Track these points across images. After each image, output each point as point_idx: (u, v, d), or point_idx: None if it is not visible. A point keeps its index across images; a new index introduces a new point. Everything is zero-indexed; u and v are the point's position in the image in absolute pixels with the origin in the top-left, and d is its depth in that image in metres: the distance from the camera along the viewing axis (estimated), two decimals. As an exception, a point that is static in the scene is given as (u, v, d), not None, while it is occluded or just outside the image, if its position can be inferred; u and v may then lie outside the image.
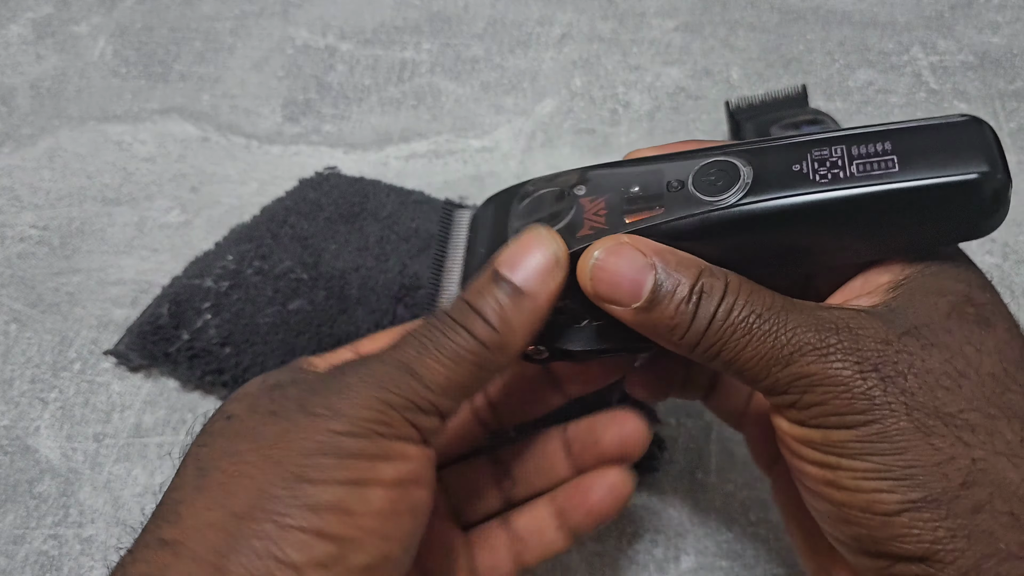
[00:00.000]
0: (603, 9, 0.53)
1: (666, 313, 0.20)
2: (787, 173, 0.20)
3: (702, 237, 0.21)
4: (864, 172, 0.20)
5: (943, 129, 0.20)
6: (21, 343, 0.38)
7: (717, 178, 0.21)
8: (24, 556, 0.32)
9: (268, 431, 0.20)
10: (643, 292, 0.20)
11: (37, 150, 0.46)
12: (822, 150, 0.20)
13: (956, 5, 0.52)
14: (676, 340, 0.20)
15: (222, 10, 0.54)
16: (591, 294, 0.21)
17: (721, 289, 0.20)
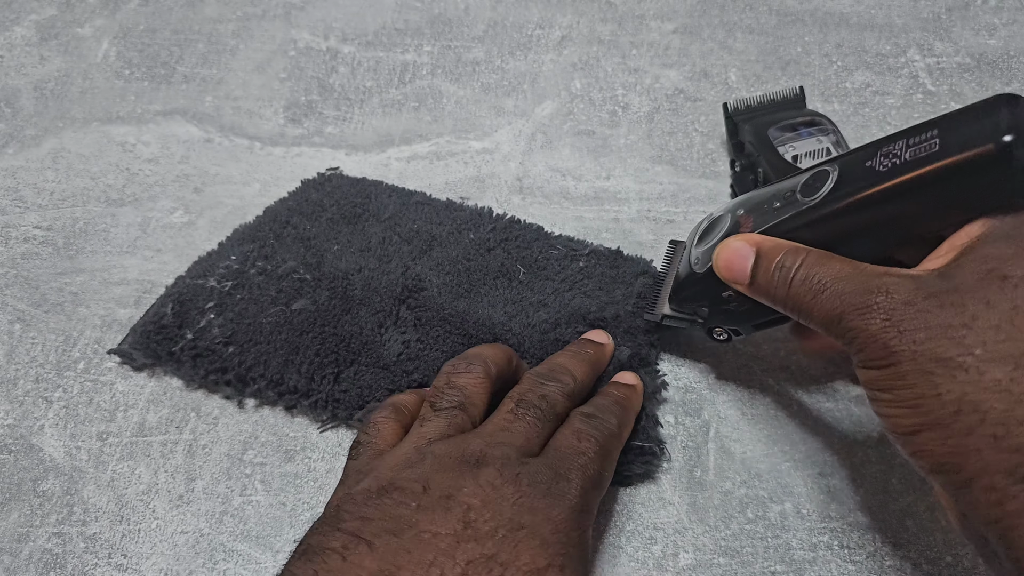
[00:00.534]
0: (602, 12, 0.53)
1: (763, 283, 0.27)
2: (861, 169, 0.25)
3: (802, 227, 0.27)
4: (915, 156, 0.24)
5: (977, 109, 0.23)
6: (25, 343, 0.38)
7: (815, 182, 0.27)
8: (28, 554, 0.32)
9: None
10: (748, 270, 0.28)
11: (41, 151, 0.47)
12: (889, 145, 0.25)
13: (953, 7, 0.52)
14: (774, 302, 0.27)
15: (225, 12, 0.54)
16: (722, 278, 0.29)
17: (798, 262, 0.26)
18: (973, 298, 0.22)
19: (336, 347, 0.34)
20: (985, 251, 0.23)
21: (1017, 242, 0.23)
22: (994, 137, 0.22)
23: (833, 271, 0.25)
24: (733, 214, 0.30)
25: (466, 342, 0.34)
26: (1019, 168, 0.22)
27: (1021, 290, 0.22)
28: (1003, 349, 0.22)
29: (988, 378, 0.22)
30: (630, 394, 0.31)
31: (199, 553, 0.32)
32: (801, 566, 0.30)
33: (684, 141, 0.46)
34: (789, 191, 0.28)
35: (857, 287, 0.24)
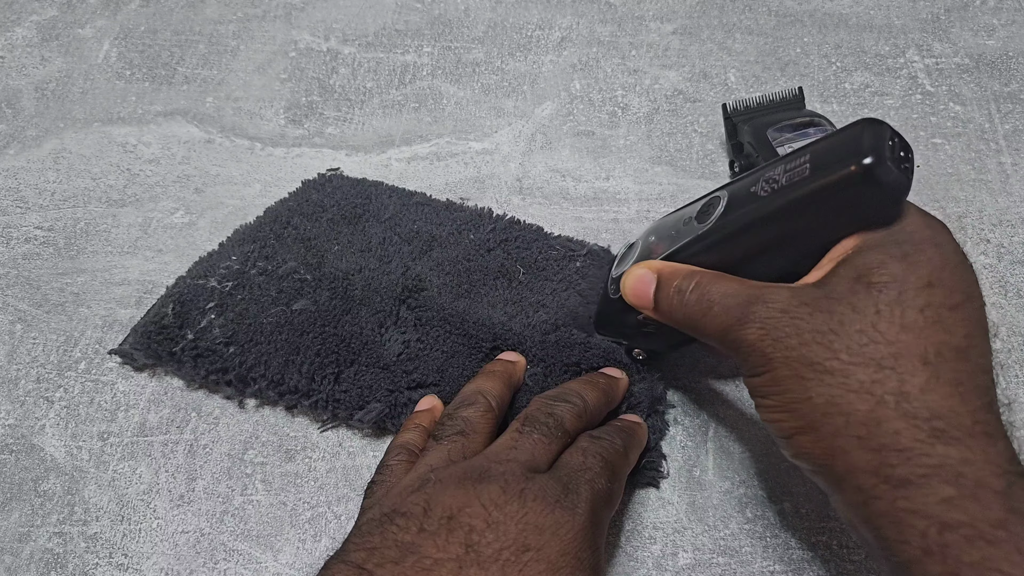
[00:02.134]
0: (602, 13, 0.53)
1: (664, 307, 0.28)
2: (746, 194, 0.27)
3: (699, 252, 0.28)
4: (790, 181, 0.25)
5: (843, 134, 0.25)
6: (27, 343, 0.38)
7: (708, 208, 0.28)
8: (29, 554, 0.32)
9: None
10: (650, 296, 0.29)
11: (42, 152, 0.47)
12: (770, 171, 0.27)
13: (952, 8, 0.52)
14: (676, 324, 0.28)
15: (225, 13, 0.54)
16: (630, 304, 0.30)
17: (692, 284, 0.27)
18: (841, 304, 0.23)
19: (336, 347, 0.34)
20: (856, 261, 0.24)
21: (885, 252, 0.24)
22: (856, 160, 0.23)
23: (722, 289, 0.26)
24: (645, 241, 0.32)
25: (466, 342, 0.35)
26: (882, 186, 0.23)
27: (884, 295, 0.23)
28: (867, 352, 0.22)
29: (853, 380, 0.22)
30: (635, 427, 0.31)
31: (200, 553, 0.32)
32: (800, 565, 0.30)
33: (683, 142, 0.46)
34: (688, 217, 0.29)
35: (740, 301, 0.25)
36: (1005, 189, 0.43)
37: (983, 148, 0.45)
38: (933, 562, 0.21)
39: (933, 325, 0.23)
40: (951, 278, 0.23)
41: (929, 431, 0.22)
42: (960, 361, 0.22)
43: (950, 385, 0.22)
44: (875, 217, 0.25)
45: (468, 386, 0.32)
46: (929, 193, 0.43)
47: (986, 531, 0.20)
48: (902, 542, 0.21)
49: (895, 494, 0.22)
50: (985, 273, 0.40)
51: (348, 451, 0.34)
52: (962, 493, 0.21)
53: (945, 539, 0.21)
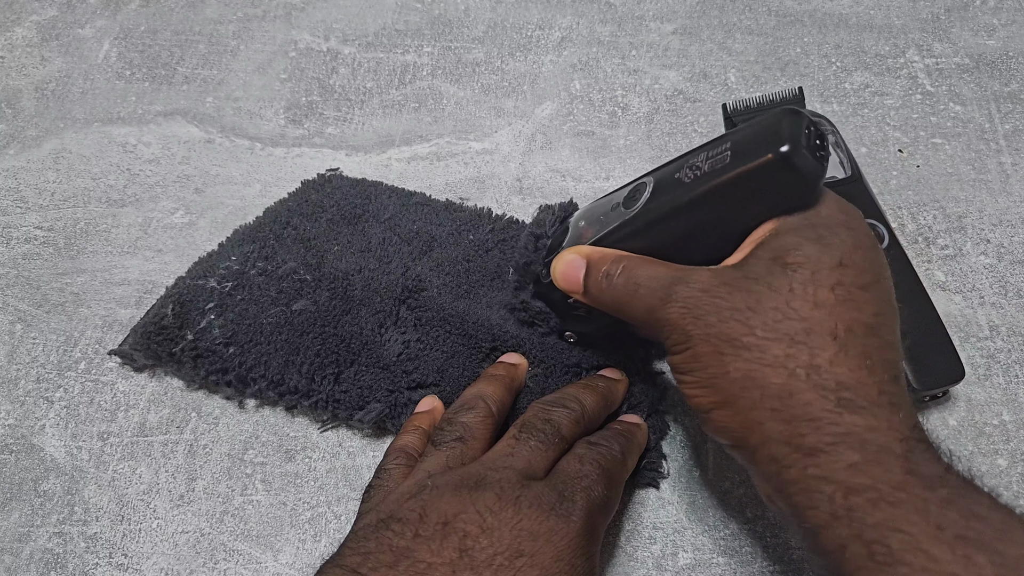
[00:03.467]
0: (602, 13, 0.53)
1: (593, 291, 0.29)
2: (671, 180, 0.28)
3: (626, 237, 0.29)
4: (712, 168, 0.26)
5: (763, 123, 0.26)
6: (27, 343, 0.38)
7: (634, 194, 0.29)
8: (29, 554, 0.32)
9: None
10: (580, 281, 0.29)
11: (42, 152, 0.47)
12: (694, 158, 0.27)
13: (952, 8, 0.52)
14: (605, 307, 0.29)
15: (225, 13, 0.54)
16: (560, 288, 0.30)
17: (620, 268, 0.28)
18: (759, 284, 0.24)
19: (336, 347, 0.34)
20: (773, 243, 0.25)
21: (800, 234, 0.25)
22: (774, 147, 0.24)
23: (647, 272, 0.27)
24: (575, 226, 0.32)
25: (466, 342, 0.35)
26: (798, 173, 0.24)
27: (799, 275, 0.24)
28: (781, 328, 0.23)
29: (768, 355, 0.23)
30: (634, 429, 0.31)
31: (200, 553, 0.32)
32: (800, 565, 0.30)
33: (683, 142, 0.46)
34: (616, 203, 0.30)
35: (664, 283, 0.26)
36: (1005, 189, 0.43)
37: (983, 148, 0.45)
38: (840, 525, 0.22)
39: (844, 303, 0.24)
40: (862, 260, 0.24)
41: (836, 401, 0.22)
42: (869, 337, 0.23)
43: (858, 358, 0.23)
44: (792, 202, 0.26)
45: (469, 390, 0.32)
46: (929, 193, 0.43)
47: (887, 493, 0.21)
48: (812, 508, 0.22)
49: (805, 462, 0.22)
50: (985, 273, 0.40)
51: (348, 451, 0.34)
52: (866, 458, 0.22)
53: (850, 503, 0.21)
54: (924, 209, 0.42)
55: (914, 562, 0.20)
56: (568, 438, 0.29)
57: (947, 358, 0.33)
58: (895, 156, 0.45)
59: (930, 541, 0.20)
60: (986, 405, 0.35)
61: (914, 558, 0.20)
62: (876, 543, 0.21)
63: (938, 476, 0.21)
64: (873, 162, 0.44)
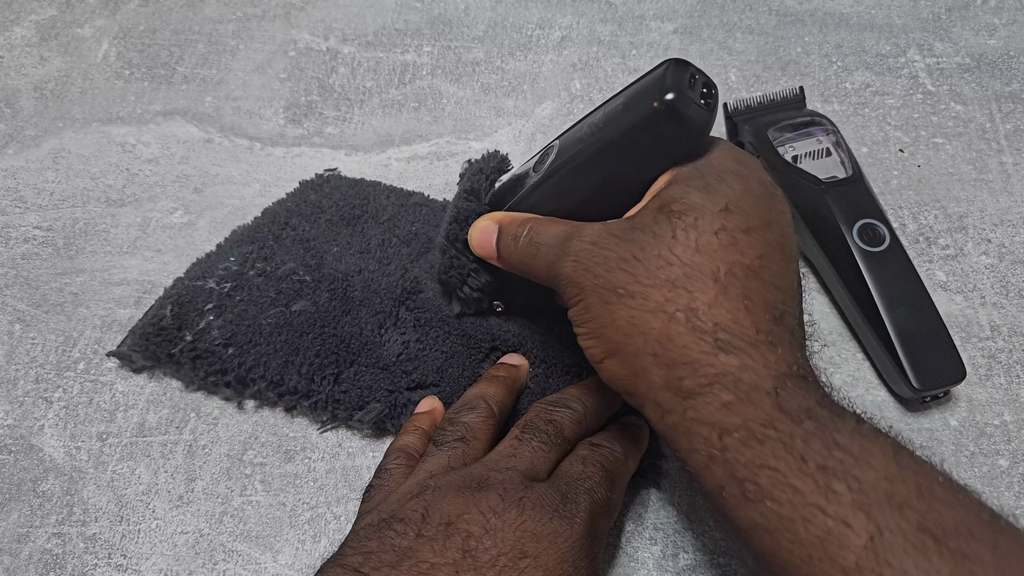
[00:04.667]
0: (602, 12, 0.53)
1: (505, 254, 0.29)
2: (573, 139, 0.28)
3: (536, 200, 0.29)
4: (605, 123, 0.26)
5: (651, 74, 0.26)
6: (25, 343, 0.38)
7: (543, 158, 0.29)
8: (28, 554, 0.32)
9: None
10: (493, 245, 0.30)
11: (41, 151, 0.47)
12: (593, 115, 0.27)
13: (953, 8, 0.52)
14: (515, 270, 0.29)
15: (225, 13, 0.54)
16: (477, 255, 0.31)
17: (525, 229, 0.28)
18: (644, 232, 0.24)
19: (336, 348, 0.34)
20: (663, 194, 0.25)
21: (688, 183, 0.25)
22: (659, 96, 0.24)
23: (549, 231, 0.27)
24: (497, 192, 0.32)
25: (465, 342, 0.34)
26: (684, 121, 0.24)
27: (682, 221, 0.24)
28: (662, 274, 0.24)
29: (650, 301, 0.24)
30: (636, 430, 0.31)
31: (199, 553, 0.32)
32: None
33: (684, 141, 0.46)
34: (528, 169, 0.30)
35: (560, 239, 0.26)
36: (1006, 189, 0.43)
37: (984, 148, 0.45)
38: (716, 466, 0.22)
39: (727, 247, 0.24)
40: (750, 205, 0.25)
41: (713, 342, 0.23)
42: (749, 279, 0.24)
43: (736, 300, 0.23)
44: (682, 152, 0.26)
45: (471, 390, 0.32)
46: (930, 192, 0.43)
47: (757, 430, 0.21)
48: (692, 451, 0.23)
49: (684, 405, 0.23)
50: (986, 273, 0.39)
51: (348, 452, 0.34)
52: (739, 398, 0.22)
53: (724, 443, 0.22)
54: (925, 209, 0.42)
55: (781, 496, 0.21)
56: (570, 439, 0.29)
57: (948, 358, 0.33)
58: (896, 156, 0.45)
59: (795, 474, 0.21)
60: (987, 405, 0.35)
61: (781, 492, 0.21)
62: (747, 481, 0.21)
63: (805, 409, 0.22)
64: (874, 162, 0.44)
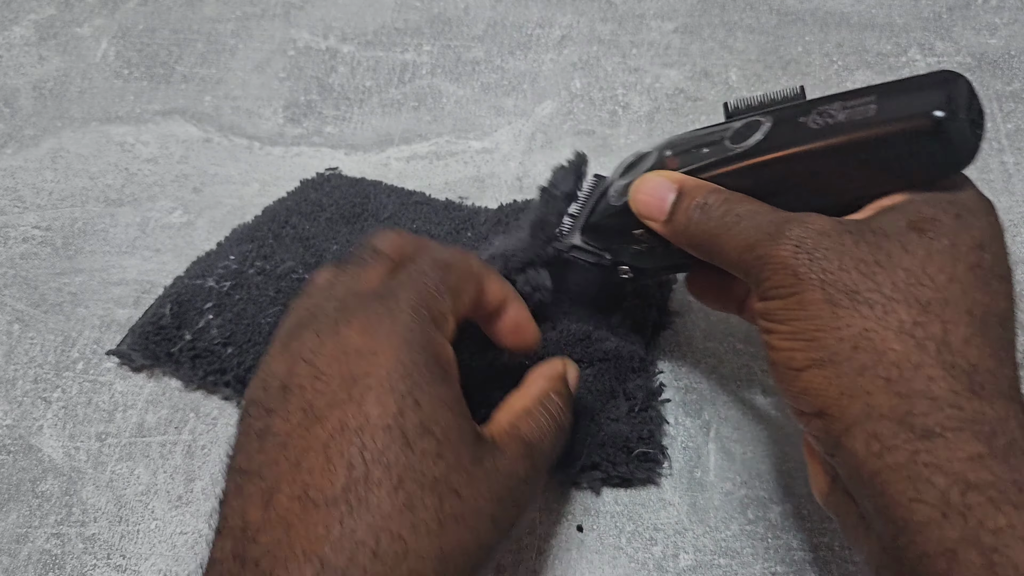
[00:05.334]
0: (603, 11, 0.53)
1: (680, 221, 0.26)
2: (794, 124, 0.25)
3: (728, 173, 0.26)
4: (849, 119, 0.24)
5: (918, 81, 0.24)
6: (24, 343, 0.38)
7: (745, 131, 0.26)
8: (27, 555, 0.32)
9: None
10: (666, 207, 0.27)
11: (40, 151, 0.46)
12: (826, 105, 0.25)
13: (954, 7, 0.52)
14: (689, 240, 0.26)
15: (224, 12, 0.54)
16: (636, 213, 0.28)
17: (721, 199, 0.25)
18: (890, 241, 0.22)
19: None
20: (907, 208, 0.23)
21: (938, 207, 0.23)
22: (929, 111, 0.22)
23: (752, 207, 0.25)
24: (660, 154, 0.29)
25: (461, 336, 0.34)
26: (952, 144, 0.22)
27: (936, 244, 0.22)
28: (913, 292, 0.21)
29: (893, 318, 0.21)
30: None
31: (198, 554, 0.31)
32: (802, 567, 0.30)
33: (684, 141, 0.46)
34: (719, 137, 0.27)
35: (773, 219, 0.24)
36: (1008, 188, 0.43)
37: (985, 147, 0.45)
38: (951, 525, 0.19)
39: (982, 287, 0.21)
40: (1000, 249, 0.23)
41: (967, 384, 0.20)
42: (1000, 328, 0.21)
43: (994, 344, 0.21)
44: (934, 174, 0.24)
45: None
46: (931, 192, 0.43)
47: (1014, 495, 0.19)
48: (917, 500, 0.19)
49: (917, 445, 0.20)
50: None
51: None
52: (992, 452, 0.19)
53: (968, 500, 0.19)
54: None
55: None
56: (390, 254, 0.26)
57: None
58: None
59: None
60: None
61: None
62: (996, 552, 0.18)
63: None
64: (875, 161, 0.44)
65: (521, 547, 0.31)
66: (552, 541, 0.31)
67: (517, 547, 0.31)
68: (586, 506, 0.32)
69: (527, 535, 0.31)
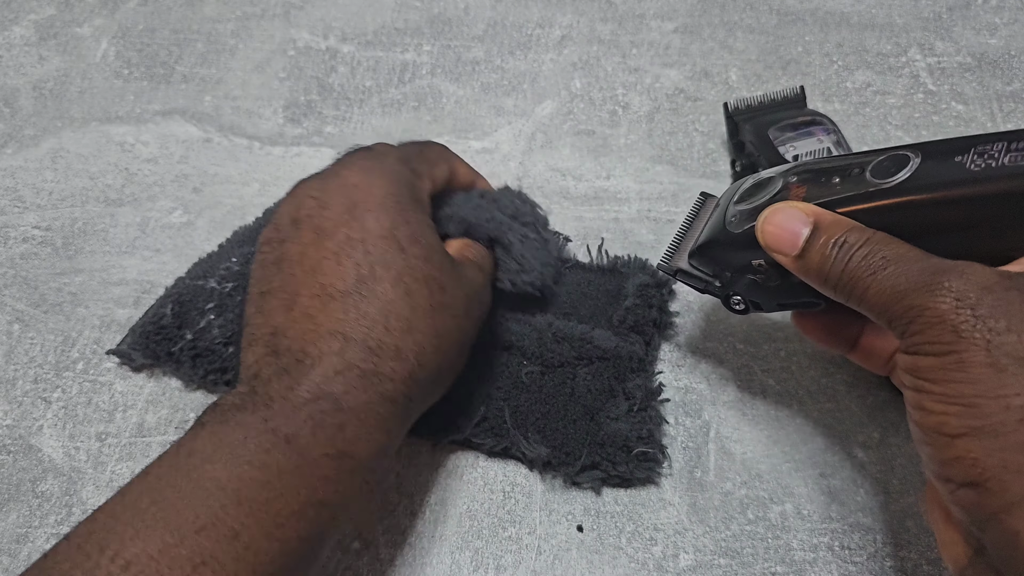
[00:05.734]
0: (603, 11, 0.53)
1: (815, 258, 0.25)
2: (950, 162, 0.23)
3: (869, 210, 0.24)
4: (1015, 163, 0.22)
5: None
6: (24, 343, 0.38)
7: (890, 165, 0.25)
8: (27, 555, 0.32)
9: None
10: (799, 242, 0.25)
11: (40, 151, 0.46)
12: (986, 145, 0.23)
13: (954, 7, 0.52)
14: (823, 280, 0.24)
15: (224, 12, 0.54)
16: (763, 245, 0.26)
17: (863, 239, 0.24)
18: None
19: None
20: None
21: None
22: None
23: (900, 251, 0.23)
24: (785, 179, 0.28)
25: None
26: None
27: None
28: None
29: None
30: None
31: (198, 554, 0.31)
32: (802, 567, 0.30)
33: (684, 141, 0.46)
34: (856, 169, 0.25)
35: (927, 267, 0.22)
36: (1007, 188, 0.43)
37: (985, 147, 0.45)
38: None
39: None
40: None
41: None
42: None
43: None
44: None
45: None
46: (931, 192, 0.43)
47: None
48: None
49: None
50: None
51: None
52: None
53: None
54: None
55: None
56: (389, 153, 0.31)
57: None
58: (897, 155, 0.44)
59: None
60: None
61: None
62: None
63: None
64: (875, 161, 0.44)
65: (521, 547, 0.31)
66: (552, 541, 0.31)
67: (517, 547, 0.31)
68: (586, 506, 0.32)
69: (527, 535, 0.31)
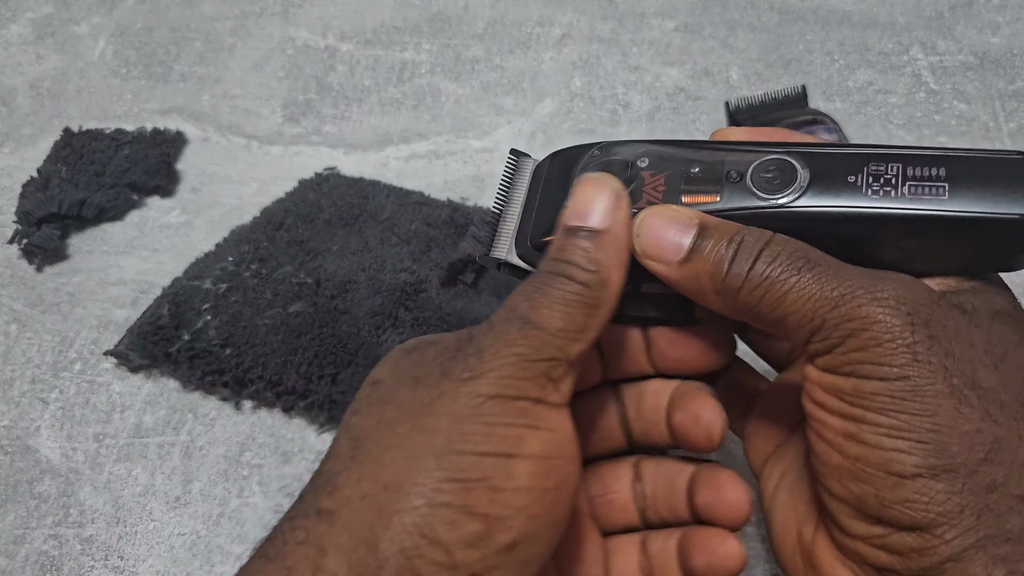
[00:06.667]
0: (603, 10, 0.53)
1: (708, 259, 0.20)
2: (842, 182, 0.21)
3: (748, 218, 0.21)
4: (915, 194, 0.20)
5: (997, 164, 0.21)
6: (21, 343, 0.38)
7: (775, 176, 0.22)
8: (24, 556, 0.32)
9: (415, 399, 0.19)
10: (684, 246, 0.21)
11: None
12: (879, 165, 0.21)
13: (956, 5, 0.52)
14: (718, 287, 0.20)
15: (222, 10, 0.54)
16: (638, 253, 0.21)
17: (764, 239, 0.20)
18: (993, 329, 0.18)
19: (334, 348, 0.34)
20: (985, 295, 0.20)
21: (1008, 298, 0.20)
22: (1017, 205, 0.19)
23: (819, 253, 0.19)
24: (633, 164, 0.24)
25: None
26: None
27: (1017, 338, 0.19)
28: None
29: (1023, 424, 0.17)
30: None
31: (196, 555, 0.31)
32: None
33: (685, 140, 0.45)
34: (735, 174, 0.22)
35: (863, 272, 0.19)
36: (1010, 188, 0.43)
37: (988, 146, 0.44)
38: None
39: None
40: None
41: None
42: None
43: None
44: (1001, 265, 0.21)
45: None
46: (933, 192, 0.42)
47: None
48: None
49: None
50: (989, 273, 0.39)
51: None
52: None
53: None
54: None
55: None
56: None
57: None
58: (898, 154, 0.44)
59: None
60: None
61: None
62: None
63: None
64: (876, 160, 0.44)
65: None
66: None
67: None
68: (586, 508, 0.32)
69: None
